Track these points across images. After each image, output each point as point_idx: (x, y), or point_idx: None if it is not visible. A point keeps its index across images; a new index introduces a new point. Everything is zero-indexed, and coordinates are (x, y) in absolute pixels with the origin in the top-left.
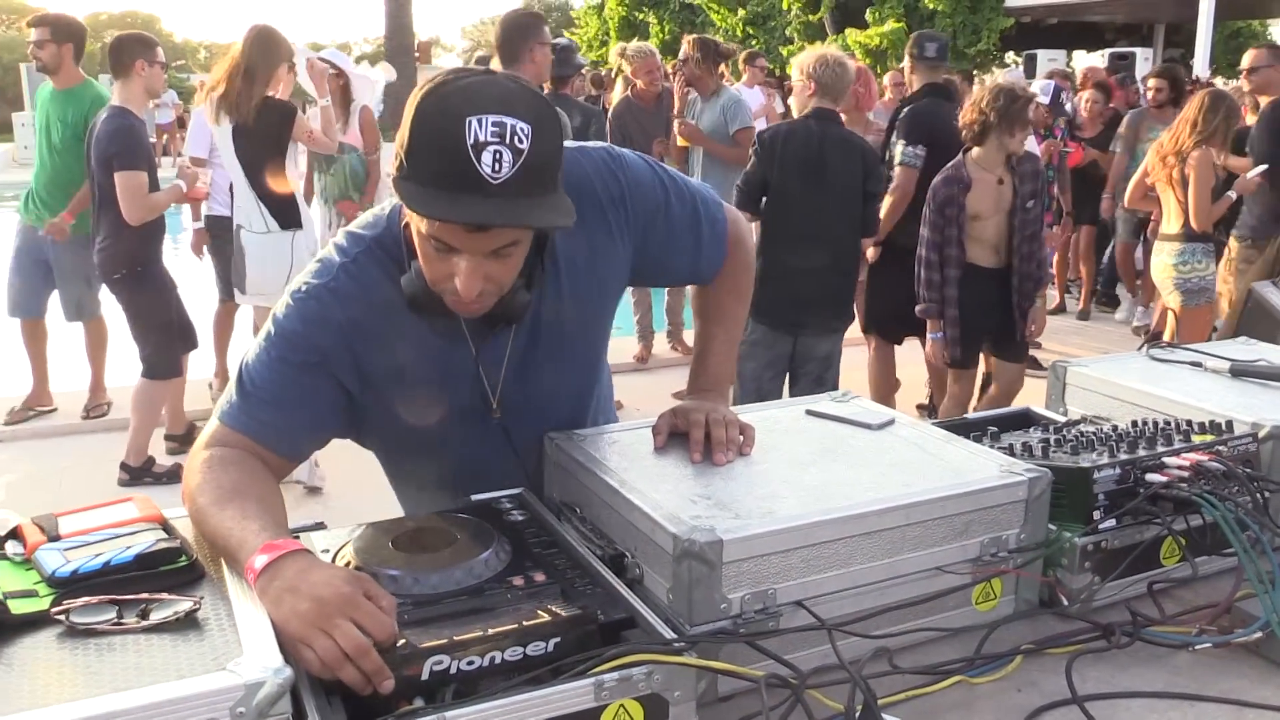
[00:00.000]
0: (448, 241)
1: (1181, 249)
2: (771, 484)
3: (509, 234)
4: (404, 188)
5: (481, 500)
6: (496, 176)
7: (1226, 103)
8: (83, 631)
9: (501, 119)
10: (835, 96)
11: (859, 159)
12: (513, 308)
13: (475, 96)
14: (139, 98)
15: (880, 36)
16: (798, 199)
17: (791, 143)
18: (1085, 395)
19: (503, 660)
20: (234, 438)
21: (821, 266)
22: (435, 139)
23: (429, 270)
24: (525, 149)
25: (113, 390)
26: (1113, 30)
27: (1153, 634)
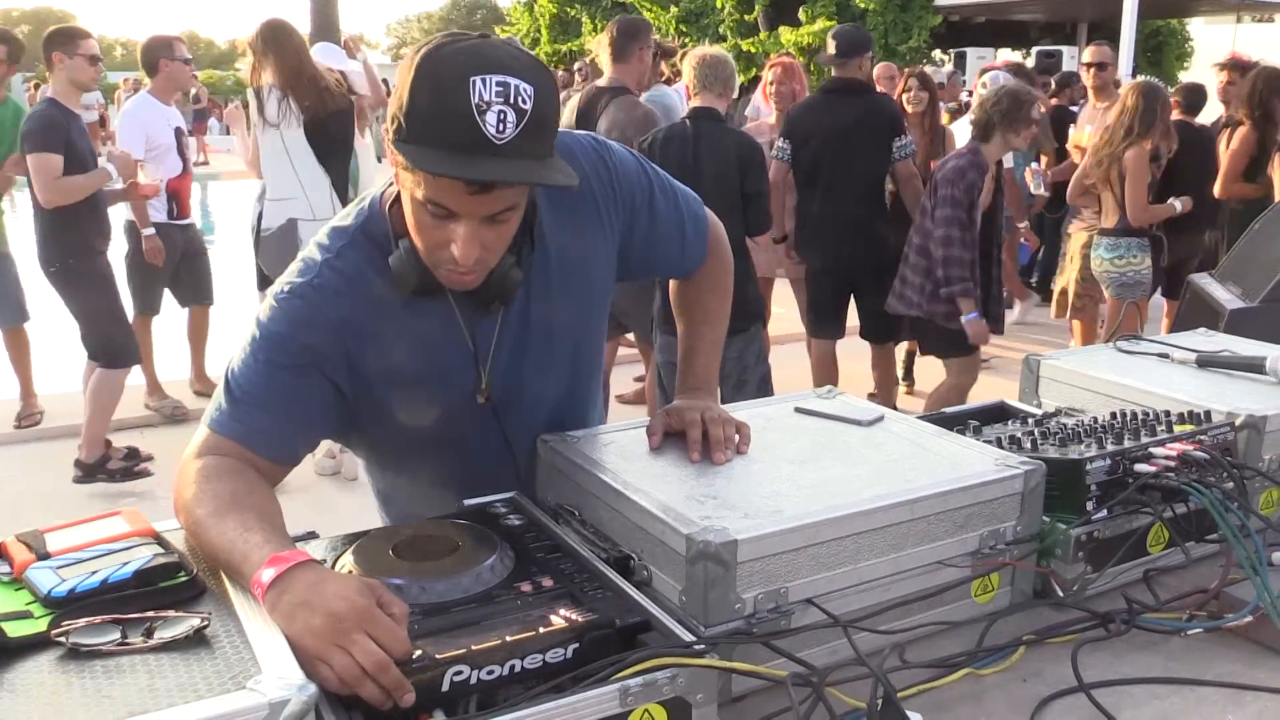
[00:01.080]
0: (447, 205)
1: (1116, 243)
2: (774, 482)
3: (509, 196)
4: (405, 149)
5: (475, 505)
6: (501, 136)
7: (1158, 96)
8: (86, 653)
9: (505, 79)
10: (718, 92)
11: (734, 158)
12: (505, 285)
13: (476, 57)
14: (64, 89)
15: (812, 35)
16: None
17: (669, 147)
18: (1058, 388)
19: (522, 669)
20: (226, 445)
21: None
22: (438, 100)
23: (424, 240)
24: (529, 110)
25: (44, 398)
26: (1038, 29)
27: (1148, 621)
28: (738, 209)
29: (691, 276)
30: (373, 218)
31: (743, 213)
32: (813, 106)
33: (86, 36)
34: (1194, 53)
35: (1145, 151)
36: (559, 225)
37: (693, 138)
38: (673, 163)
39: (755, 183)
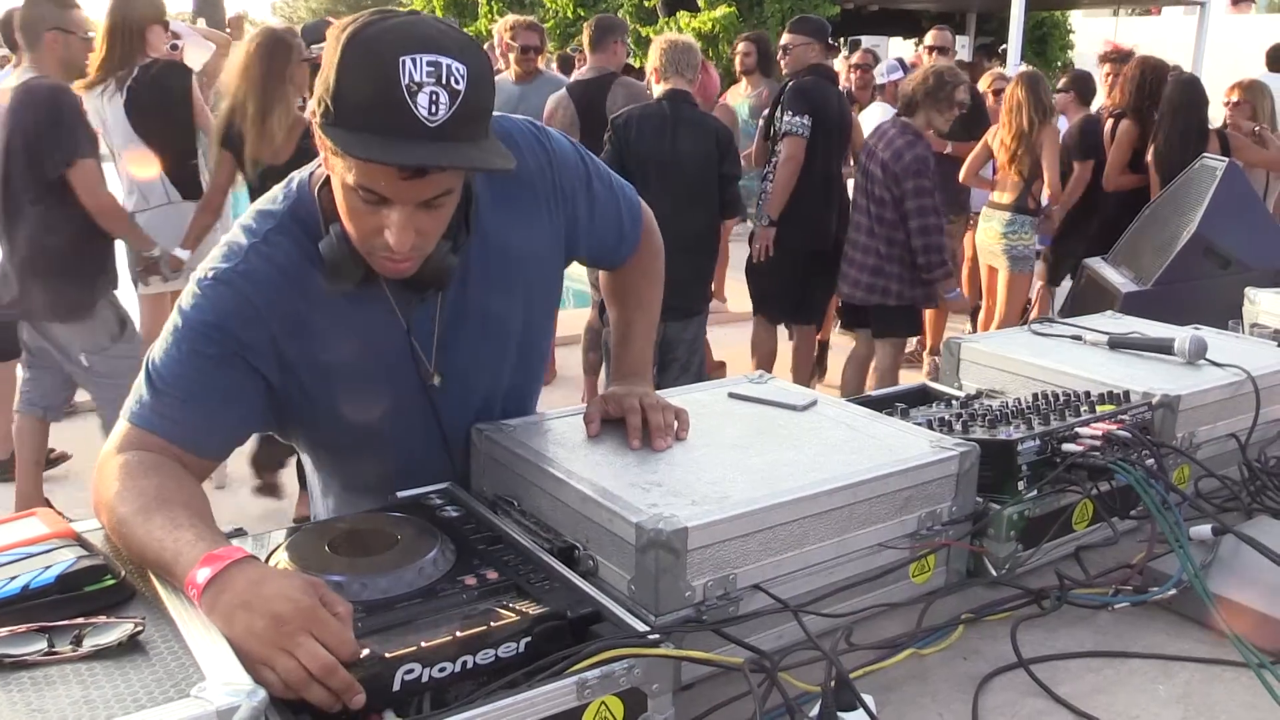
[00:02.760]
0: (379, 191)
1: (1011, 219)
2: (717, 468)
3: (444, 181)
4: (332, 134)
5: (409, 497)
6: (434, 119)
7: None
8: (11, 664)
9: (437, 59)
10: (688, 77)
11: (713, 141)
12: (440, 271)
13: (407, 36)
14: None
15: (712, 21)
16: (653, 184)
17: (644, 127)
18: (978, 370)
19: (474, 664)
20: (148, 440)
21: (682, 251)
22: (367, 80)
23: (356, 226)
24: (462, 90)
25: None
26: (929, 18)
27: (1077, 596)
28: (715, 192)
29: (625, 263)
30: (301, 201)
31: (719, 194)
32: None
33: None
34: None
35: (1056, 131)
36: (498, 211)
37: (671, 119)
38: (649, 142)
39: (732, 166)
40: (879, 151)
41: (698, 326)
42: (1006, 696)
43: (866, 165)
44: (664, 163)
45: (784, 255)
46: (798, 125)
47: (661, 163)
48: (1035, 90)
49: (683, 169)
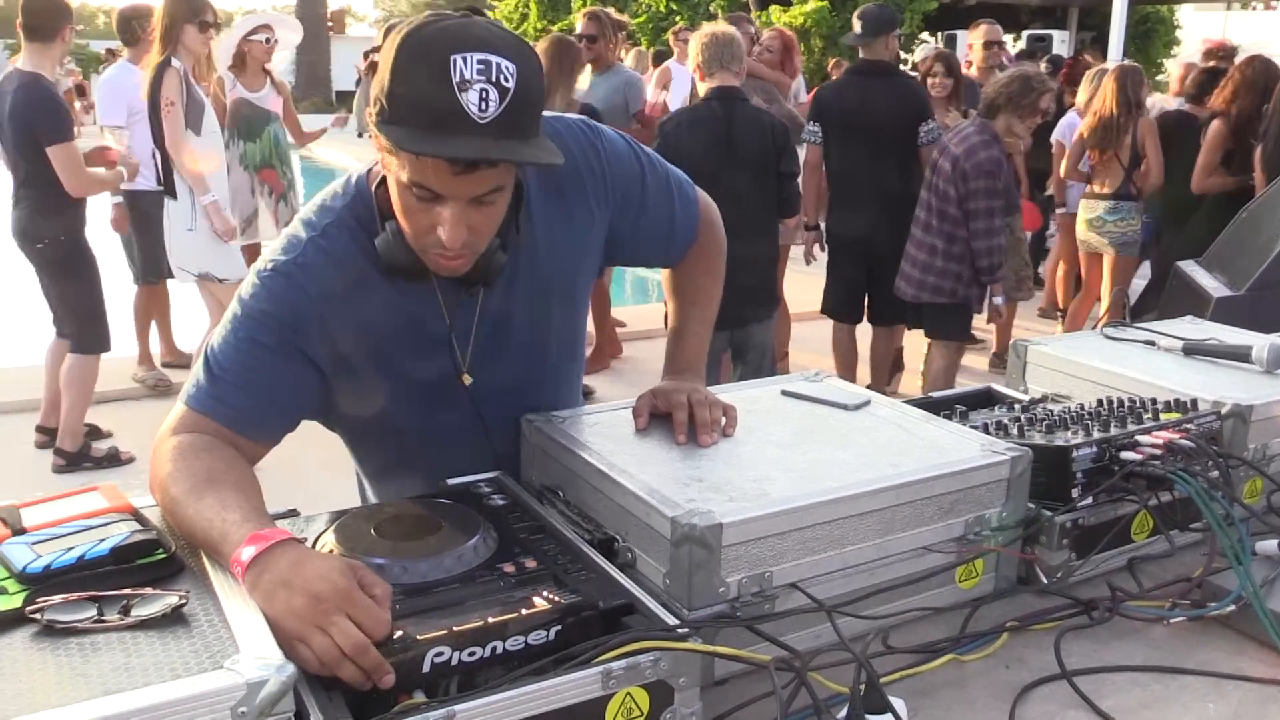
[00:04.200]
0: (431, 187)
1: (1114, 205)
2: (760, 465)
3: (494, 177)
4: (387, 131)
5: (459, 484)
6: (484, 115)
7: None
8: (62, 630)
9: (487, 57)
10: (734, 71)
11: (770, 138)
12: (489, 268)
13: (458, 35)
14: (53, 64)
15: (804, 15)
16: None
17: (697, 128)
18: (1045, 374)
19: (504, 650)
20: (203, 423)
21: (747, 254)
22: (419, 78)
23: (410, 223)
24: (511, 88)
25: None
26: (1028, 12)
27: (1130, 609)
28: (773, 190)
29: (684, 257)
30: (360, 197)
31: (776, 194)
32: (841, 89)
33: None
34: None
35: (1151, 121)
36: (547, 210)
37: (724, 119)
38: (704, 144)
39: (790, 163)
40: (952, 147)
41: (765, 331)
42: (1046, 708)
43: (937, 160)
44: (720, 163)
45: (836, 255)
46: (809, 134)
47: (717, 163)
48: (1123, 82)
49: (740, 168)
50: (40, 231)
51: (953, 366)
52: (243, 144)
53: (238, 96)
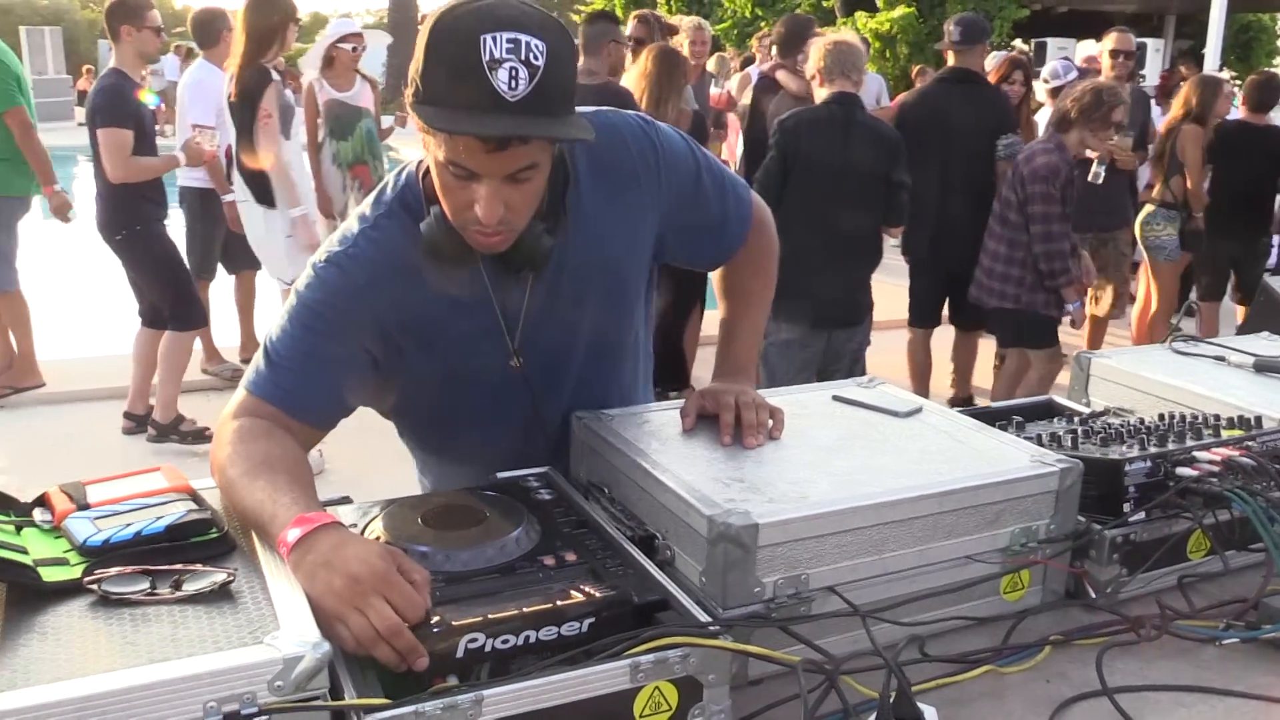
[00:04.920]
0: (466, 165)
1: (1152, 211)
2: (803, 468)
3: (528, 153)
4: (420, 111)
5: (508, 478)
6: (514, 93)
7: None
8: (116, 601)
9: (516, 36)
10: (855, 80)
11: (886, 147)
12: (535, 252)
13: (489, 15)
14: (131, 60)
15: (890, 22)
16: (822, 191)
17: (816, 129)
18: (1109, 387)
19: (537, 639)
20: (261, 408)
21: (851, 259)
22: (450, 58)
23: (449, 201)
24: (541, 66)
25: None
26: (1123, 20)
27: (1181, 628)
28: (883, 199)
29: (735, 259)
30: (408, 186)
31: (886, 202)
32: (927, 96)
33: (150, 8)
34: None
35: (1199, 132)
36: (598, 199)
37: (842, 124)
38: (820, 147)
39: (902, 172)
40: (1023, 168)
41: (862, 336)
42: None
43: (1012, 175)
44: (834, 169)
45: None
46: None
47: (832, 168)
48: (1198, 90)
49: (854, 176)
50: (118, 223)
51: (1049, 377)
52: (335, 144)
53: (329, 98)
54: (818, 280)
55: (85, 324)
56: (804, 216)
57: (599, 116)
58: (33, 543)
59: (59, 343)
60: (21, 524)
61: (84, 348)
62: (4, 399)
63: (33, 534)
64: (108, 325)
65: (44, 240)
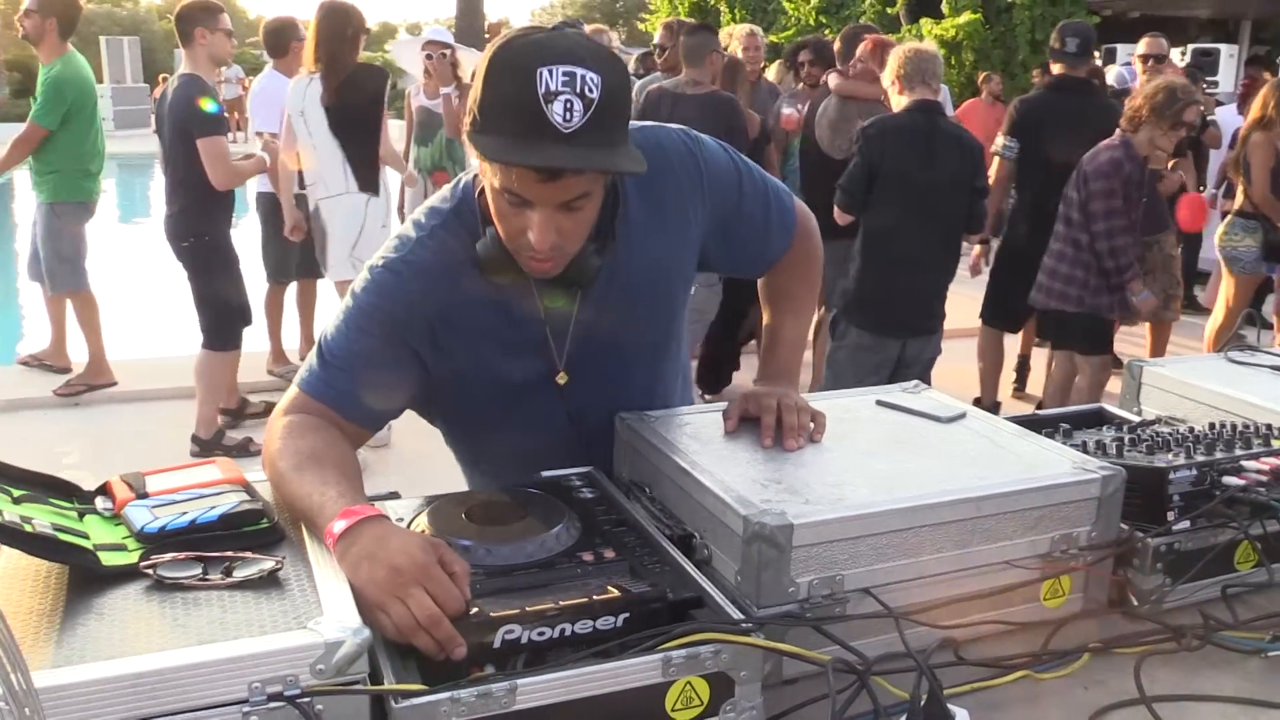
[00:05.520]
0: (521, 193)
1: (1231, 221)
2: (842, 471)
3: (581, 183)
4: (478, 140)
5: (551, 477)
6: (568, 125)
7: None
8: (170, 585)
9: (572, 69)
10: (934, 87)
11: (970, 154)
12: (584, 271)
13: (545, 48)
14: (204, 65)
15: (955, 28)
16: (904, 198)
17: (899, 136)
18: (1161, 396)
19: (572, 632)
20: (312, 405)
21: (930, 266)
22: (507, 90)
23: (504, 226)
24: (595, 98)
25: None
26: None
27: (1224, 638)
28: (964, 205)
29: (780, 265)
30: (465, 202)
31: (967, 209)
32: (1046, 104)
33: (221, 11)
34: None
35: (1270, 139)
36: (644, 215)
37: (925, 131)
38: (905, 155)
39: (983, 180)
40: (1086, 166)
41: (935, 346)
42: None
43: (1076, 176)
44: (919, 176)
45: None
46: (1004, 149)
47: (916, 176)
48: (1275, 95)
49: (936, 183)
50: (185, 231)
51: (1097, 385)
52: (418, 149)
53: (419, 104)
54: (897, 287)
55: (159, 325)
56: (887, 223)
57: (644, 133)
58: (94, 529)
59: (132, 343)
60: (84, 511)
61: (156, 348)
62: (79, 396)
63: (94, 520)
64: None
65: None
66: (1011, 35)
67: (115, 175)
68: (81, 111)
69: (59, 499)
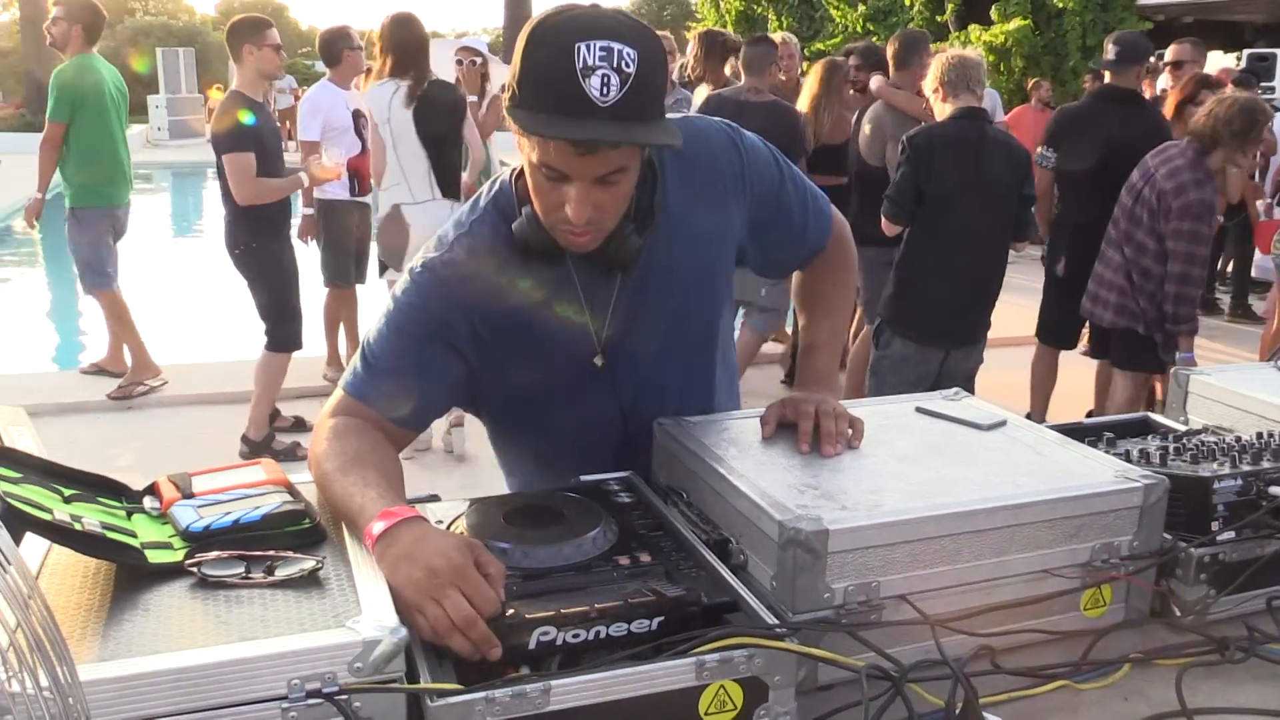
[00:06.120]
0: (558, 168)
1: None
2: (879, 477)
3: (617, 158)
4: (516, 115)
5: (590, 481)
6: (605, 99)
7: None
8: (213, 583)
9: (609, 44)
10: (979, 94)
11: (1018, 161)
12: (624, 252)
13: (583, 24)
14: (252, 81)
15: (1005, 35)
16: (954, 207)
17: (949, 146)
18: (1208, 405)
19: (607, 635)
20: (356, 407)
21: (977, 275)
22: (545, 65)
23: (541, 201)
24: (632, 73)
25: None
26: (1252, 30)
27: (1269, 651)
28: (1011, 214)
29: (815, 270)
30: (503, 191)
31: (1015, 218)
32: (1081, 114)
33: (270, 26)
34: None
35: None
36: (685, 202)
37: (974, 139)
38: (953, 164)
39: (1031, 186)
40: (1160, 179)
41: (977, 356)
42: None
43: (1139, 186)
44: (968, 185)
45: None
46: (1042, 159)
47: (965, 185)
48: None
49: (987, 191)
50: (236, 239)
51: (1137, 400)
52: None
53: None
54: (942, 297)
55: (212, 329)
56: (935, 232)
57: (687, 123)
58: (141, 527)
59: (186, 348)
60: (132, 510)
61: (209, 353)
62: (134, 398)
63: (141, 519)
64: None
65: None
66: (1061, 41)
67: (170, 183)
68: (85, 109)
69: (108, 498)
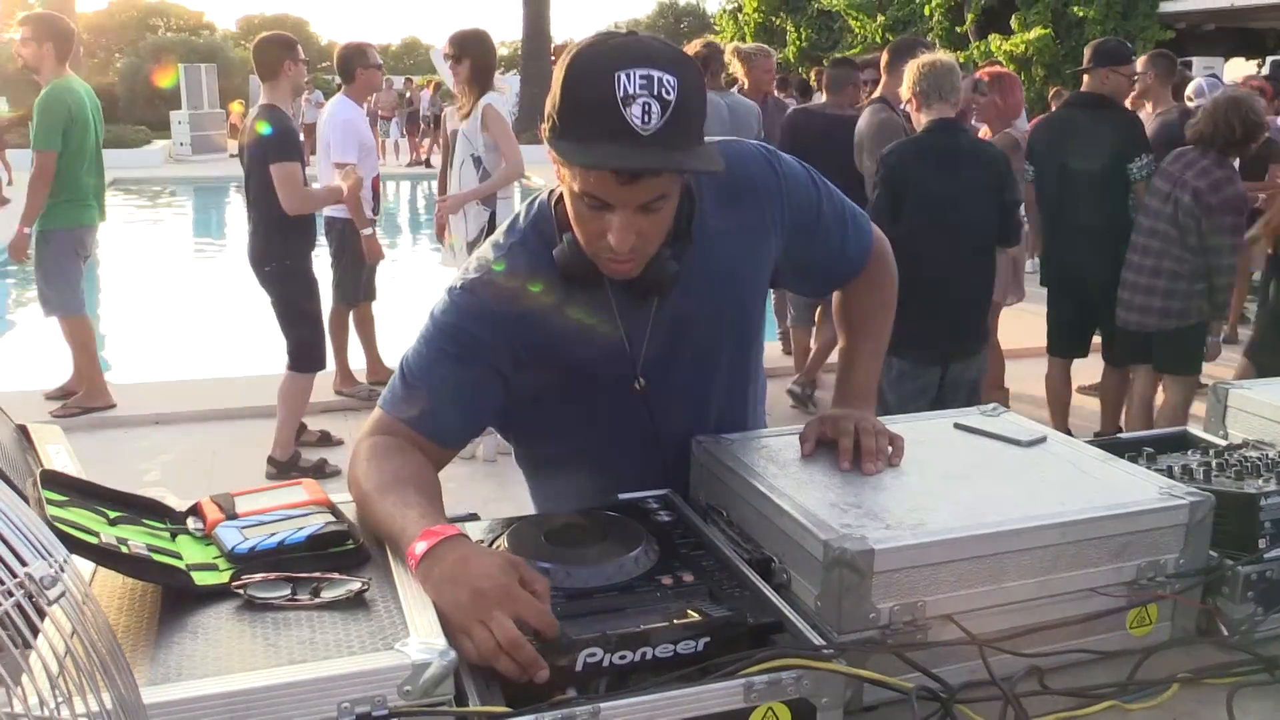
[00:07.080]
0: (600, 196)
1: None
2: (921, 496)
3: (659, 185)
4: (557, 145)
5: (629, 499)
6: (646, 127)
7: None
8: (260, 605)
9: (649, 72)
10: (953, 102)
11: (994, 168)
12: (660, 277)
13: (622, 52)
14: (287, 97)
15: (1026, 44)
16: (933, 220)
17: (920, 161)
18: (1247, 419)
19: (653, 656)
20: (395, 426)
21: (966, 288)
22: (586, 95)
23: (582, 230)
24: (672, 100)
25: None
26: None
27: None
28: (994, 220)
29: (855, 288)
30: (541, 214)
31: (998, 224)
32: (1053, 123)
33: (298, 42)
34: None
35: None
36: (722, 225)
37: (948, 151)
38: (928, 177)
39: (1014, 191)
40: (1190, 179)
41: (979, 367)
42: None
43: (1167, 190)
44: (946, 197)
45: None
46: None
47: (943, 197)
48: None
49: (964, 202)
50: (267, 256)
51: (1185, 404)
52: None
53: (453, 128)
54: (936, 311)
55: (232, 345)
56: (918, 248)
57: (725, 146)
58: (186, 549)
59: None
60: (176, 531)
61: (228, 368)
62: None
63: (186, 541)
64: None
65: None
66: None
67: (192, 199)
68: (71, 134)
69: (152, 519)
